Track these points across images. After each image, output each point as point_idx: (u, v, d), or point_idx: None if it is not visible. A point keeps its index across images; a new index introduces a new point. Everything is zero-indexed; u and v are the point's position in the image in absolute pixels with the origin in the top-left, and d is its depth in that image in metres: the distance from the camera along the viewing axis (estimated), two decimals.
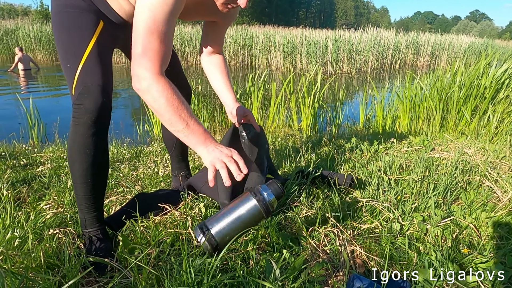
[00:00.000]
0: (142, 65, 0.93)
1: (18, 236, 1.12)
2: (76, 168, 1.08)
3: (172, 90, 0.95)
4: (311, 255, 1.11)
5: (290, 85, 3.97)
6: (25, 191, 1.60)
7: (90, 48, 1.05)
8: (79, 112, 1.03)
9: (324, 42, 12.47)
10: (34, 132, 3.50)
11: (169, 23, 0.96)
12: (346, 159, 2.07)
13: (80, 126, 1.04)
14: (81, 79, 1.04)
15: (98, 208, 1.15)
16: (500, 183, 1.68)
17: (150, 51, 0.93)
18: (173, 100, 0.94)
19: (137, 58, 0.93)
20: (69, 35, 1.06)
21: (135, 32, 0.94)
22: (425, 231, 1.26)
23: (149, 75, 0.93)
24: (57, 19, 1.07)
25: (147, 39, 0.92)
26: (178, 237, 1.20)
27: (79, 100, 1.03)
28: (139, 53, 0.93)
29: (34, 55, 13.54)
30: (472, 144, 2.49)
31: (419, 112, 3.63)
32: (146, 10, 0.92)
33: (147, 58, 0.93)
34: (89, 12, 1.07)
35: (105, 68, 1.08)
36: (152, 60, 0.93)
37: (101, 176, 1.14)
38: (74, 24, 1.06)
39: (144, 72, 0.93)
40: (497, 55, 3.68)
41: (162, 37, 0.94)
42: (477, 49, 16.10)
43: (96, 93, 1.03)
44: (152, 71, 0.93)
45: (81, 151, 1.06)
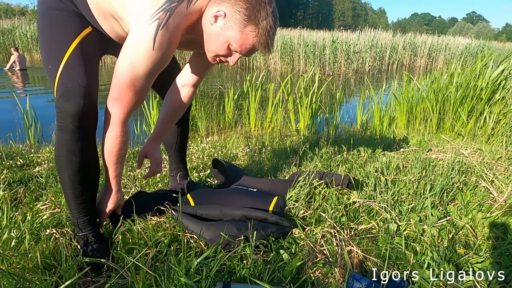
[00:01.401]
0: (114, 108, 1.01)
1: (15, 237, 1.12)
2: (63, 174, 1.04)
3: (122, 140, 1.06)
4: (308, 256, 1.11)
5: (288, 86, 3.97)
6: (22, 192, 1.60)
7: (72, 48, 1.02)
8: (61, 116, 0.98)
9: (322, 43, 12.51)
10: (31, 132, 3.49)
11: (148, 79, 1.00)
12: (343, 160, 2.08)
13: (63, 131, 0.99)
14: (61, 80, 0.99)
15: (89, 212, 1.13)
16: (496, 184, 1.69)
17: (124, 101, 1.00)
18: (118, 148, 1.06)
19: (111, 100, 1.00)
20: (52, 36, 1.03)
21: (115, 77, 0.98)
22: (421, 231, 1.27)
23: (115, 120, 1.02)
24: (42, 21, 1.05)
25: (124, 91, 0.98)
26: (175, 237, 1.20)
27: (60, 103, 0.97)
28: (114, 97, 0.99)
29: (31, 55, 13.50)
30: (469, 145, 2.51)
31: (416, 113, 3.64)
32: (129, 64, 0.95)
33: (120, 106, 1.00)
34: (76, 16, 1.05)
35: (89, 69, 1.03)
36: (123, 109, 1.01)
37: (90, 181, 1.11)
38: (58, 25, 1.03)
39: (113, 115, 1.02)
40: (493, 57, 3.70)
41: (138, 91, 1.00)
42: (474, 50, 16.20)
43: (77, 95, 0.97)
44: (119, 118, 1.02)
45: (67, 157, 1.01)
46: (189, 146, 2.67)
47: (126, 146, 1.08)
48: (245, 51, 1.03)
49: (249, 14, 0.97)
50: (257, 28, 0.99)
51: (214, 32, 1.02)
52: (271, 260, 1.07)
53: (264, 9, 0.98)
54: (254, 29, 0.99)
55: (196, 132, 3.87)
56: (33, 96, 6.24)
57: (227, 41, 1.02)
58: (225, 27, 1.00)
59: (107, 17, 1.06)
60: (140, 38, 0.93)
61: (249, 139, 3.10)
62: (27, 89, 7.34)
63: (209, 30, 1.03)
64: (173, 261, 0.95)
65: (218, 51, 1.05)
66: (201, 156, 2.37)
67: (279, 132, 3.33)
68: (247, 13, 0.97)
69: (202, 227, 1.18)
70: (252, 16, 0.98)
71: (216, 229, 1.17)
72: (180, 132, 1.57)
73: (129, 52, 0.95)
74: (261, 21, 0.98)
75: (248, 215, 1.24)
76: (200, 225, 1.20)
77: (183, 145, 1.63)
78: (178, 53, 12.88)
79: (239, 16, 0.98)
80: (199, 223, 1.21)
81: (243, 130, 3.90)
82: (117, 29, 1.09)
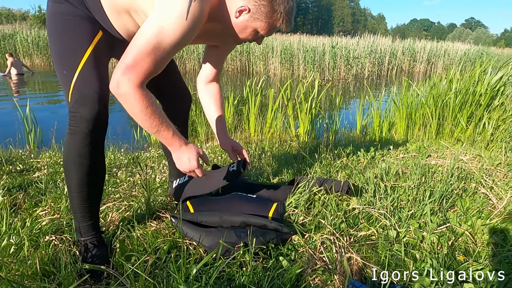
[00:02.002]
0: (127, 75, 0.93)
1: (14, 243, 1.12)
2: (71, 178, 1.07)
3: (149, 100, 0.97)
4: (307, 263, 1.11)
5: (288, 91, 3.99)
6: (21, 197, 1.59)
7: (87, 55, 1.04)
8: (75, 121, 1.02)
9: (322, 48, 12.56)
10: (31, 137, 3.49)
11: (172, 51, 0.97)
12: (343, 166, 2.08)
13: (76, 135, 1.02)
14: (77, 86, 1.02)
15: (93, 216, 1.14)
16: (495, 190, 1.69)
17: (140, 68, 0.93)
18: (149, 109, 0.97)
19: (124, 67, 0.93)
20: (66, 42, 1.05)
21: (134, 42, 0.94)
22: (421, 238, 1.27)
23: (129, 86, 0.93)
24: (53, 25, 1.06)
25: (142, 57, 0.93)
26: (175, 244, 1.20)
27: (75, 108, 1.01)
28: (129, 63, 0.92)
29: (32, 59, 13.55)
30: (468, 151, 2.51)
31: (416, 118, 3.65)
32: (156, 29, 0.92)
33: (135, 72, 0.93)
34: (88, 21, 1.06)
35: (102, 76, 1.06)
36: (138, 75, 0.93)
37: (97, 185, 1.13)
38: (72, 31, 1.05)
39: (126, 82, 0.93)
40: (492, 63, 3.72)
41: (158, 61, 0.96)
42: (473, 56, 16.27)
43: (93, 100, 1.01)
44: (134, 82, 0.93)
45: (77, 161, 1.04)
46: None
47: (156, 104, 1.01)
48: (270, 33, 1.15)
49: (273, 6, 1.07)
50: (281, 14, 1.09)
51: (240, 24, 1.10)
52: (271, 267, 1.07)
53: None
54: (279, 16, 1.09)
55: (196, 138, 3.87)
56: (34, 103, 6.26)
57: (254, 30, 1.12)
58: (251, 19, 1.09)
59: (120, 13, 1.07)
60: (174, 6, 0.91)
61: (248, 144, 3.10)
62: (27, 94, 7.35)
63: (235, 22, 1.10)
64: (172, 268, 0.95)
65: (247, 38, 1.15)
66: (200, 161, 2.36)
67: (279, 138, 3.33)
68: (271, 5, 1.06)
69: (202, 234, 1.18)
70: (275, 6, 1.07)
71: (215, 236, 1.17)
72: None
73: (159, 18, 0.92)
74: (283, 8, 1.08)
75: (247, 222, 1.24)
76: (200, 232, 1.20)
77: None
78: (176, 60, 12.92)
79: (264, 9, 1.07)
80: (199, 230, 1.21)
81: (243, 135, 3.91)
82: (129, 25, 1.10)
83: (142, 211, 1.45)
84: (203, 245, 1.17)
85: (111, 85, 0.95)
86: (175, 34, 0.93)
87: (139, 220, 1.36)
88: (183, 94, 1.52)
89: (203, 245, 1.17)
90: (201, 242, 1.18)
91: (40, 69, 12.17)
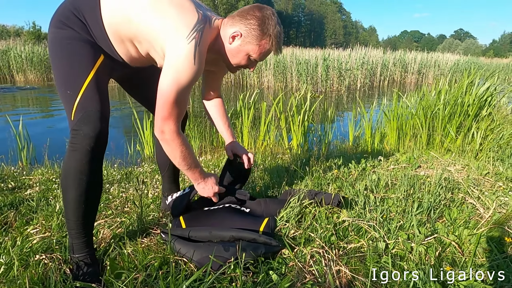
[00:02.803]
0: (167, 125, 1.16)
1: (4, 263, 1.12)
2: (69, 194, 1.09)
3: (185, 145, 1.24)
4: (297, 276, 1.12)
5: (280, 104, 4.03)
6: (12, 216, 1.59)
7: (90, 77, 1.11)
8: (77, 138, 1.05)
9: (314, 61, 12.73)
10: (23, 154, 3.48)
11: (189, 90, 1.17)
12: (334, 178, 2.10)
13: (78, 152, 1.05)
14: (81, 105, 1.07)
15: (88, 233, 1.15)
16: (482, 200, 1.73)
17: (173, 116, 1.15)
18: (185, 153, 1.25)
19: (162, 120, 1.15)
20: (70, 64, 1.11)
21: (162, 98, 1.13)
22: (409, 249, 1.29)
23: (171, 134, 1.18)
24: (57, 49, 1.12)
25: (172, 107, 1.13)
26: (165, 260, 1.21)
27: (78, 126, 1.06)
28: (165, 116, 1.14)
29: (26, 75, 13.54)
30: (457, 161, 2.55)
31: (406, 129, 3.71)
32: (173, 81, 1.10)
33: (171, 121, 1.16)
34: (90, 46, 1.13)
35: (104, 97, 1.13)
36: (174, 121, 1.16)
37: (94, 202, 1.15)
38: (75, 55, 1.11)
39: (168, 131, 1.17)
40: (479, 74, 3.81)
41: (182, 103, 1.16)
42: (462, 66, 16.58)
43: (95, 119, 1.06)
44: (174, 130, 1.18)
45: (77, 178, 1.07)
46: None
47: (189, 147, 1.27)
48: (262, 57, 1.28)
49: (262, 29, 1.20)
50: (270, 38, 1.22)
51: (234, 49, 1.24)
52: (261, 282, 1.08)
53: (271, 20, 1.21)
54: (268, 39, 1.22)
55: None
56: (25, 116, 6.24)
57: (247, 54, 1.25)
58: (243, 43, 1.22)
59: (123, 41, 1.17)
60: (182, 56, 1.08)
61: None
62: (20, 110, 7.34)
63: (229, 48, 1.25)
64: (161, 285, 0.96)
65: (240, 63, 1.28)
66: None
67: (271, 151, 3.35)
68: (260, 28, 1.20)
69: (191, 249, 1.19)
70: (264, 30, 1.20)
71: (204, 251, 1.18)
72: None
73: (172, 70, 1.10)
74: (272, 31, 1.21)
75: (236, 236, 1.25)
76: (189, 247, 1.21)
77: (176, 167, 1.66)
78: None
79: (254, 33, 1.21)
80: (189, 245, 1.22)
81: None
82: (131, 52, 1.22)
83: (133, 227, 1.46)
84: (193, 260, 1.18)
85: (156, 132, 1.19)
86: (189, 78, 1.11)
87: (130, 237, 1.37)
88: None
89: (193, 260, 1.18)
90: (190, 257, 1.18)
91: (34, 85, 12.17)
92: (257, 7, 1.23)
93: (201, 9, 1.18)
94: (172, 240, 1.25)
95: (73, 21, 1.12)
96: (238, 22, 1.21)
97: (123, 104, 7.75)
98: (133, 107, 3.66)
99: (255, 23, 1.20)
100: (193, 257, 1.18)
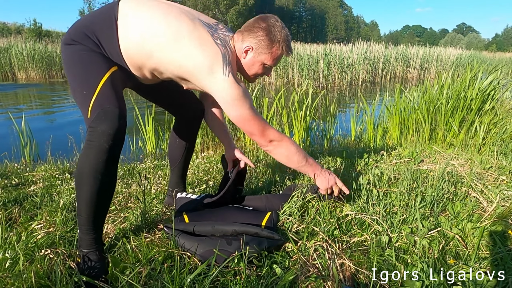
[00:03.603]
0: (268, 134, 1.31)
1: (9, 258, 1.13)
2: (84, 191, 1.07)
3: (293, 141, 1.37)
4: (300, 270, 1.12)
5: (282, 99, 4.03)
6: (17, 211, 1.60)
7: (106, 77, 1.12)
8: (95, 135, 1.04)
9: (316, 56, 12.68)
10: (26, 150, 3.49)
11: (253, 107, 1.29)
12: (337, 173, 2.10)
13: (95, 149, 1.04)
14: (97, 102, 1.07)
15: (98, 230, 1.15)
16: (485, 194, 1.72)
17: (263, 124, 1.30)
18: (296, 146, 1.38)
19: (261, 135, 1.30)
20: (85, 68, 1.13)
21: (244, 124, 1.28)
22: (413, 243, 1.29)
23: (277, 136, 1.33)
24: (71, 59, 1.15)
25: (256, 122, 1.28)
26: (169, 254, 1.21)
27: (95, 123, 1.05)
28: (259, 131, 1.30)
29: (27, 73, 13.56)
30: (460, 155, 2.55)
31: (409, 124, 3.69)
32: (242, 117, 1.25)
33: (267, 129, 1.31)
34: (104, 57, 1.17)
35: (120, 96, 1.14)
36: (269, 127, 1.32)
37: (107, 200, 1.15)
38: (90, 61, 1.14)
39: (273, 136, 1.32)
40: (482, 68, 3.78)
41: (257, 114, 1.29)
42: (465, 61, 16.49)
43: (113, 116, 1.05)
44: (276, 133, 1.33)
45: (92, 176, 1.05)
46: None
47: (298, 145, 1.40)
48: (276, 62, 1.37)
49: (270, 38, 1.29)
50: (279, 43, 1.31)
51: (249, 62, 1.34)
52: (264, 275, 1.09)
53: (277, 27, 1.30)
54: (278, 45, 1.31)
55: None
56: (28, 113, 6.26)
57: (261, 63, 1.34)
58: (256, 55, 1.32)
59: (142, 69, 1.23)
60: (231, 90, 1.21)
61: (244, 153, 3.12)
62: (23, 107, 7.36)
63: (244, 62, 1.35)
64: (166, 279, 0.97)
65: (257, 73, 1.38)
66: (196, 171, 2.39)
67: None
68: (269, 38, 1.29)
69: (195, 244, 1.20)
70: (273, 38, 1.29)
71: (208, 245, 1.19)
72: (187, 148, 1.65)
73: (232, 104, 1.23)
74: (279, 37, 1.30)
75: (239, 230, 1.25)
76: (193, 241, 1.21)
77: (187, 161, 1.69)
78: None
79: (264, 43, 1.30)
80: (193, 240, 1.22)
81: (238, 144, 3.93)
82: (148, 76, 1.28)
83: (137, 222, 1.46)
84: (197, 254, 1.19)
85: (266, 148, 1.35)
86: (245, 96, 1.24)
87: (134, 232, 1.37)
88: (193, 107, 1.60)
89: (197, 254, 1.19)
90: (194, 251, 1.19)
91: (35, 82, 12.20)
92: (260, 19, 1.31)
93: (215, 33, 1.25)
94: (176, 235, 1.25)
95: (88, 41, 1.15)
96: (247, 36, 1.30)
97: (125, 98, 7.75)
98: (134, 104, 3.66)
99: (263, 34, 1.28)
100: (197, 251, 1.18)
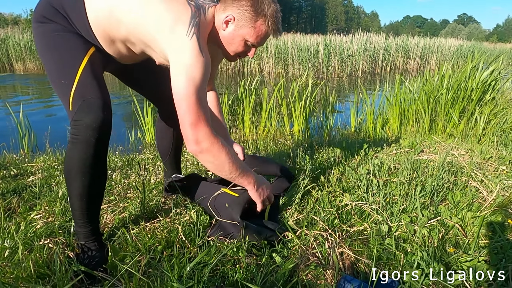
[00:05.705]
0: (200, 131, 1.05)
1: (8, 247, 1.12)
2: (74, 187, 1.04)
3: (227, 146, 1.12)
4: (300, 258, 1.12)
5: (281, 90, 4.00)
6: (16, 202, 1.60)
7: (84, 63, 1.05)
8: (79, 129, 0.98)
9: (315, 47, 12.58)
10: (25, 141, 3.48)
11: (206, 88, 1.08)
12: (336, 163, 2.10)
13: (80, 144, 0.99)
14: (78, 92, 1.01)
15: (94, 222, 1.13)
16: (485, 183, 1.72)
17: (203, 117, 1.05)
18: (230, 155, 1.12)
19: (192, 126, 1.04)
20: (60, 54, 1.06)
21: (181, 102, 1.03)
22: (412, 232, 1.29)
23: (209, 138, 1.06)
24: (45, 41, 1.07)
25: (197, 108, 1.04)
26: (169, 243, 1.21)
27: (78, 116, 0.98)
28: (194, 121, 1.04)
29: (25, 64, 13.45)
30: (460, 145, 2.54)
31: (409, 115, 3.68)
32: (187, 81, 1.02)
33: (203, 124, 1.05)
34: (80, 37, 1.09)
35: (102, 84, 1.07)
36: (204, 123, 1.06)
37: (100, 192, 1.12)
38: (65, 44, 1.06)
39: (203, 137, 1.06)
40: (483, 58, 3.75)
41: (204, 99, 1.06)
42: (466, 52, 16.38)
43: (97, 108, 0.99)
44: (209, 133, 1.07)
45: (81, 170, 1.01)
46: (184, 153, 2.67)
47: (232, 150, 1.15)
48: (260, 41, 1.16)
49: (256, 9, 1.10)
50: (266, 18, 1.12)
51: (229, 35, 1.15)
52: (264, 264, 1.09)
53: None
54: (264, 20, 1.12)
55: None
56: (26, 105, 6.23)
57: (243, 39, 1.14)
58: (237, 28, 1.13)
59: (114, 42, 1.12)
60: (188, 53, 1.02)
61: (243, 144, 3.11)
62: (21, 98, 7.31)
63: (224, 35, 1.15)
64: (165, 267, 0.96)
65: (237, 50, 1.18)
66: (195, 162, 2.38)
67: (273, 137, 3.34)
68: (254, 9, 1.10)
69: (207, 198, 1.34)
70: (258, 10, 1.10)
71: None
72: (176, 137, 1.58)
73: (182, 70, 1.02)
74: (267, 11, 1.11)
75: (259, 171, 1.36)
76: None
77: (178, 151, 1.64)
78: None
79: (248, 14, 1.11)
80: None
81: (238, 135, 3.92)
82: (122, 51, 1.16)
83: (136, 212, 1.46)
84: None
85: (190, 148, 1.07)
86: (202, 72, 1.04)
87: (133, 221, 1.37)
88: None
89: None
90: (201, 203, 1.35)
91: (33, 73, 12.11)
92: None
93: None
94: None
95: (58, 16, 1.07)
96: (230, 5, 1.12)
97: (123, 90, 7.72)
98: (133, 94, 3.64)
99: (248, 4, 1.10)
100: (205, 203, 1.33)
